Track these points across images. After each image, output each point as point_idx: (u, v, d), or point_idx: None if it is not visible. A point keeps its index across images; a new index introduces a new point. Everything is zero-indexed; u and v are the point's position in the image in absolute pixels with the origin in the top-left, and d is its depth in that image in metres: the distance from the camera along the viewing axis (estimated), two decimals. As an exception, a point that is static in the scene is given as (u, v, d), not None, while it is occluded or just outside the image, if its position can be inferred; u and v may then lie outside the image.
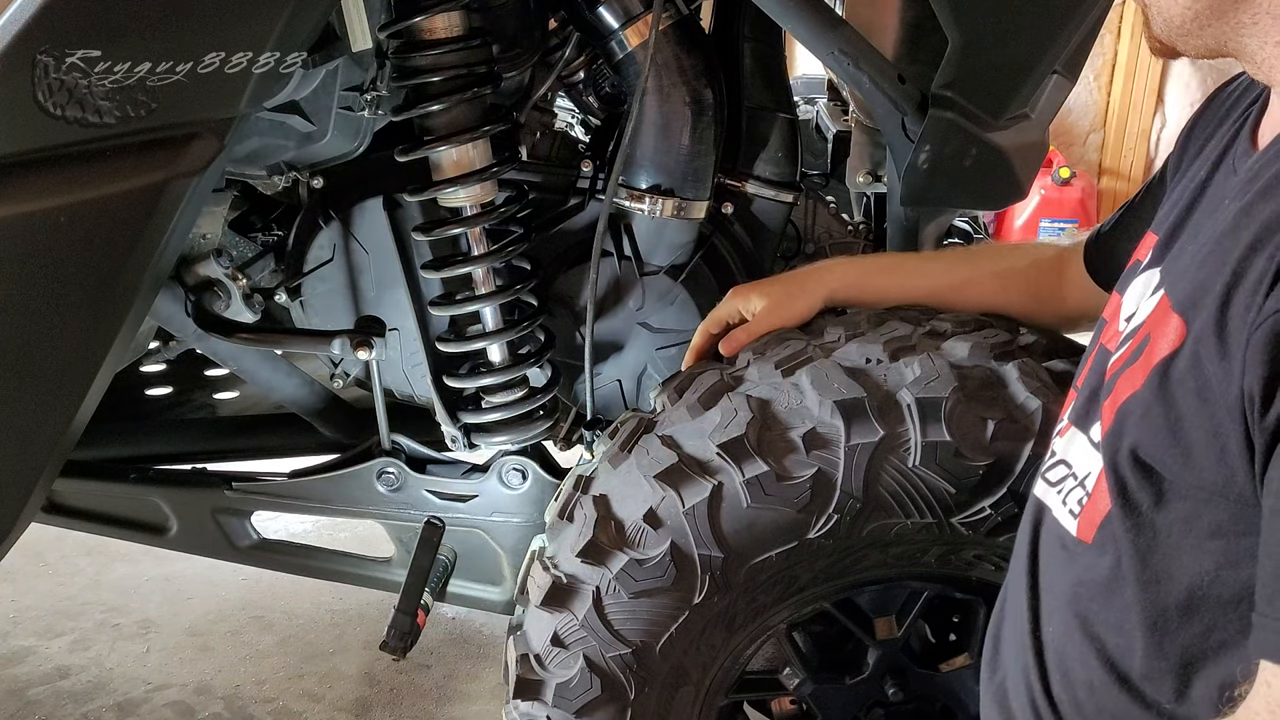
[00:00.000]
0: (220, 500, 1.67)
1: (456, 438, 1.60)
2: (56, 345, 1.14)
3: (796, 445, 1.16)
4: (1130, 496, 0.77)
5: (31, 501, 1.25)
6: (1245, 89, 0.90)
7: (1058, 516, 0.87)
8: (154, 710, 2.20)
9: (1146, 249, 0.90)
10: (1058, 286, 1.27)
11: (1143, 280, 0.86)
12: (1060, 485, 0.88)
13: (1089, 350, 0.94)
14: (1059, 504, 0.88)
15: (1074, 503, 0.85)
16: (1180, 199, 0.88)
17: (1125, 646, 0.80)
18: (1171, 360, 0.73)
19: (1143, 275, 0.87)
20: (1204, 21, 0.75)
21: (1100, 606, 0.82)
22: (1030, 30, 1.34)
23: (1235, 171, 0.81)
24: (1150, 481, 0.76)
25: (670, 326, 1.59)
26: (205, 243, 1.50)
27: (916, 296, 1.34)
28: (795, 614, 1.28)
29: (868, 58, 1.37)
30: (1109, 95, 5.41)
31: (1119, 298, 0.91)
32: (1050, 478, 0.90)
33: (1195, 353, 0.71)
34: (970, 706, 1.36)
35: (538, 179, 1.59)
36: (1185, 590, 0.75)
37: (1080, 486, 0.85)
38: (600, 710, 1.24)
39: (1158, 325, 0.77)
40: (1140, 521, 0.77)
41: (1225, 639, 0.74)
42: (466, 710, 2.22)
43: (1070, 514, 0.85)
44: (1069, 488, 0.87)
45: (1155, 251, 0.87)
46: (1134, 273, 0.90)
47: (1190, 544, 0.74)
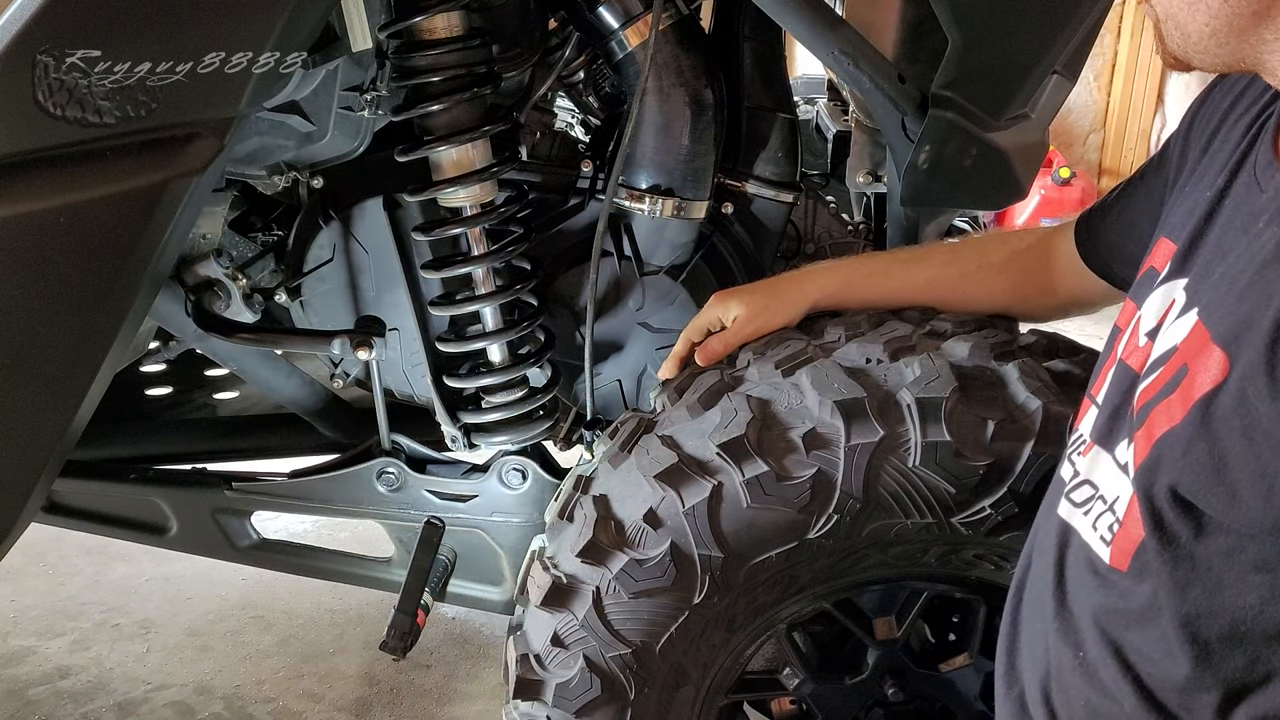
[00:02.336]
0: (220, 500, 1.67)
1: (456, 438, 1.60)
2: (57, 345, 1.14)
3: (796, 445, 1.16)
4: (1167, 529, 0.75)
5: (31, 501, 1.25)
6: (1252, 82, 0.88)
7: (1087, 540, 0.85)
8: (154, 710, 2.20)
9: (1163, 257, 0.87)
10: (1046, 276, 1.25)
11: (1162, 293, 0.84)
12: (1087, 507, 0.86)
13: (1103, 360, 0.92)
14: (1087, 527, 0.85)
15: (1105, 529, 0.82)
16: (1196, 206, 0.86)
17: (1159, 676, 0.77)
18: (1214, 396, 0.71)
19: (1162, 287, 0.85)
20: (1222, 39, 0.73)
21: (1136, 634, 0.79)
22: (1030, 30, 1.34)
23: (1260, 187, 0.79)
24: (1190, 516, 0.73)
25: (670, 326, 1.59)
26: (205, 243, 1.50)
27: (900, 301, 1.33)
28: (795, 614, 1.28)
29: (868, 58, 1.37)
30: (1109, 95, 5.42)
31: (1134, 306, 0.89)
32: (1075, 498, 0.87)
33: (1241, 390, 0.69)
34: (970, 706, 1.36)
35: (538, 179, 1.59)
36: (1228, 624, 0.73)
37: (1110, 511, 0.82)
38: (600, 710, 1.24)
39: (1196, 356, 0.74)
40: (1178, 554, 0.74)
41: (1271, 670, 0.72)
42: (466, 710, 2.22)
43: (1102, 540, 0.83)
44: (1098, 511, 0.84)
45: (1175, 262, 0.85)
46: (1150, 282, 0.87)
47: (1233, 578, 0.72)
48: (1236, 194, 0.82)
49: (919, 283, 1.33)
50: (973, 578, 1.27)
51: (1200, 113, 0.95)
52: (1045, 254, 1.25)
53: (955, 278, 1.32)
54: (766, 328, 1.32)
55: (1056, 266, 1.23)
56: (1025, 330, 1.33)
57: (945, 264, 1.34)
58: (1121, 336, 0.89)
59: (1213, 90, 0.94)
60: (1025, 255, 1.28)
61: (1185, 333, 0.77)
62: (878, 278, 1.35)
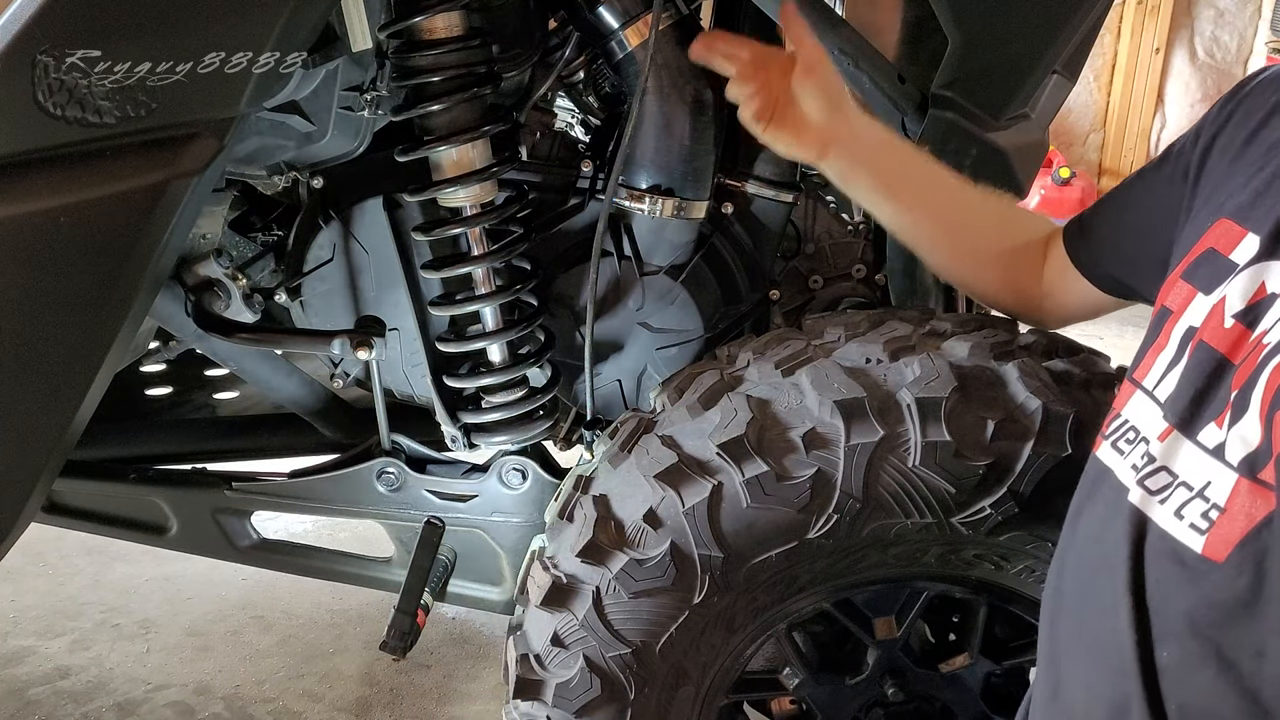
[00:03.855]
0: (220, 500, 1.67)
1: (456, 438, 1.60)
2: (56, 345, 1.13)
3: (796, 445, 1.16)
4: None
5: (31, 501, 1.24)
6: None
7: (1169, 529, 0.80)
8: (154, 710, 2.21)
9: (1227, 239, 0.84)
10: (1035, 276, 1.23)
11: (1249, 275, 0.81)
12: (1165, 495, 0.81)
13: (1148, 345, 0.88)
14: (1168, 516, 0.80)
15: (1196, 516, 0.78)
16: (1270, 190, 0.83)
17: (1266, 674, 0.73)
18: None
19: (1248, 270, 0.81)
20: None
21: (1238, 630, 0.75)
22: (1030, 31, 1.34)
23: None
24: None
25: (670, 326, 1.59)
26: (205, 243, 1.50)
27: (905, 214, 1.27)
28: (795, 614, 1.28)
29: (868, 58, 1.37)
30: (1109, 95, 5.42)
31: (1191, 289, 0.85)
32: (1150, 485, 0.83)
33: None
34: (970, 707, 1.36)
35: (538, 179, 1.59)
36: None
37: (1201, 498, 0.78)
38: (600, 710, 1.24)
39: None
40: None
41: None
42: (466, 710, 2.22)
43: (1192, 529, 0.78)
44: (1183, 499, 0.79)
45: (1264, 247, 0.81)
46: (1214, 263, 0.84)
47: None
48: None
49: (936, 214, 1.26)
50: (973, 578, 1.27)
51: (1237, 112, 0.93)
52: (1038, 248, 1.23)
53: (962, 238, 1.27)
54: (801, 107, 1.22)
55: (1049, 275, 1.21)
56: (1025, 330, 1.33)
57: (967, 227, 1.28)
58: (1176, 318, 0.86)
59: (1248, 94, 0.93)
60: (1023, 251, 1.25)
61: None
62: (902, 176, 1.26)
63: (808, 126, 1.24)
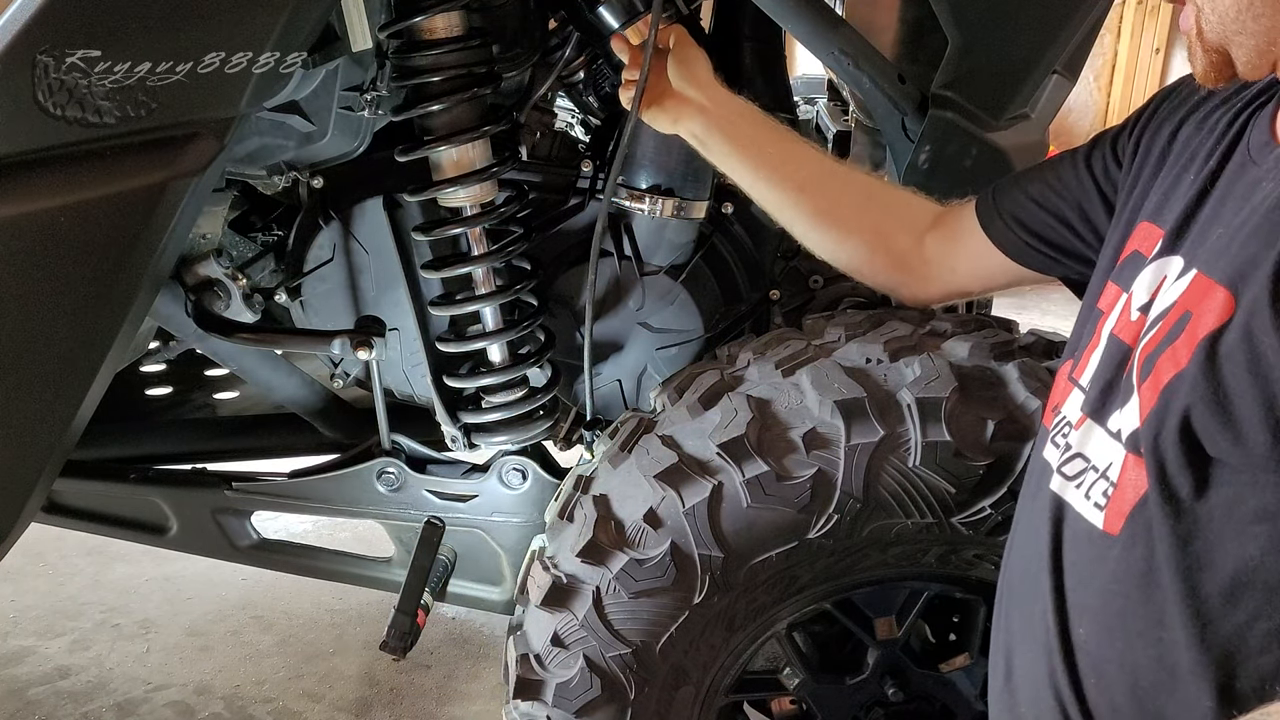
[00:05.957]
0: (220, 500, 1.67)
1: (456, 438, 1.60)
2: (57, 345, 1.14)
3: (796, 445, 1.16)
4: (1170, 481, 0.75)
5: (31, 501, 1.25)
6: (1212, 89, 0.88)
7: (1081, 511, 0.85)
8: (154, 710, 2.21)
9: (1147, 240, 0.88)
10: (915, 249, 1.22)
11: (1153, 270, 0.85)
12: (1079, 479, 0.86)
13: (1084, 344, 0.92)
14: (1080, 498, 0.85)
15: (1098, 495, 0.83)
16: (1182, 191, 0.87)
17: (1169, 640, 0.77)
18: (1219, 335, 0.71)
19: (1152, 265, 0.85)
20: (1258, 10, 0.73)
21: (1137, 601, 0.79)
22: (1030, 30, 1.34)
23: (1255, 162, 0.80)
24: (1193, 463, 0.74)
25: (670, 326, 1.59)
26: (205, 243, 1.50)
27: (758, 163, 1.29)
28: (795, 614, 1.28)
29: (868, 58, 1.37)
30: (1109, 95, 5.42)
31: (1118, 289, 0.89)
32: (1067, 472, 0.88)
33: (1246, 325, 0.70)
34: (970, 706, 1.36)
35: (538, 179, 1.59)
36: (1229, 577, 0.74)
37: (1103, 478, 0.83)
38: (600, 710, 1.24)
39: (1198, 301, 0.75)
40: (1179, 507, 0.75)
41: (1271, 627, 0.73)
42: (466, 710, 2.22)
43: (1095, 506, 0.83)
44: (1090, 480, 0.84)
45: (1165, 243, 0.85)
46: (1136, 264, 0.88)
47: (1233, 530, 0.73)
48: (1230, 174, 0.83)
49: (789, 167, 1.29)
50: (973, 578, 1.27)
51: (1154, 119, 0.98)
52: (920, 221, 1.23)
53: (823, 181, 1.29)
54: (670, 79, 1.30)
55: (935, 239, 1.21)
56: (1024, 330, 1.33)
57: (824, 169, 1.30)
58: (1106, 318, 0.90)
59: (1165, 99, 0.98)
60: (892, 198, 1.26)
61: (1184, 289, 0.78)
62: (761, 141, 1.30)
63: (666, 96, 1.31)
